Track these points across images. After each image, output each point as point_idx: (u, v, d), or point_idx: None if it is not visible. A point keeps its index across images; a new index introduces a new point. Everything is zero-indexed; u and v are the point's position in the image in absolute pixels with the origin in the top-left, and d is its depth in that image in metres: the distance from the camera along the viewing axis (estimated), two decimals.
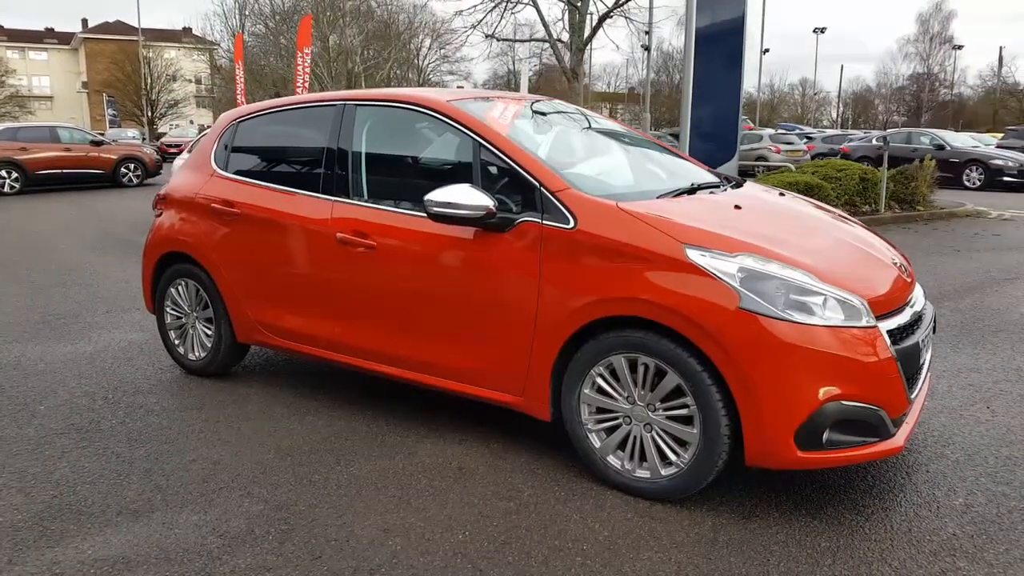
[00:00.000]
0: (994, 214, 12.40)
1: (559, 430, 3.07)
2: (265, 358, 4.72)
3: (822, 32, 56.13)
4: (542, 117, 3.86)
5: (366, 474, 3.08)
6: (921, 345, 2.86)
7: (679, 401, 2.72)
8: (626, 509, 2.78)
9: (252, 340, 4.08)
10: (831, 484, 2.97)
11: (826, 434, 2.56)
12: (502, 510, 2.79)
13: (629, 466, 2.88)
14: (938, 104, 61.36)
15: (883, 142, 15.54)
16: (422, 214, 3.17)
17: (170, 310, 4.39)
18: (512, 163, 3.11)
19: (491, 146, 3.18)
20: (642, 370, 2.77)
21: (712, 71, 8.12)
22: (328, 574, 2.40)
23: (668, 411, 2.76)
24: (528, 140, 3.38)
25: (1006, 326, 5.32)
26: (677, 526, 2.67)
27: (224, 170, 4.18)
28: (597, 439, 2.95)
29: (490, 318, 3.11)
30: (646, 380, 2.78)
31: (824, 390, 2.53)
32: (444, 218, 3.06)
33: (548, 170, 3.07)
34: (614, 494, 2.89)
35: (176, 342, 4.41)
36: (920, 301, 3.15)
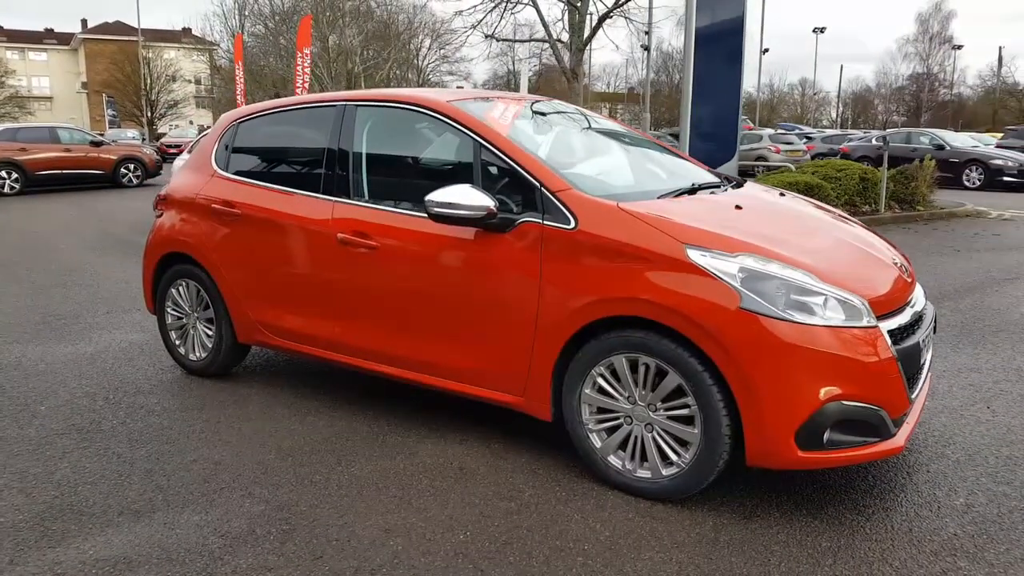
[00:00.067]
0: (994, 214, 12.40)
1: (560, 430, 3.08)
2: (266, 358, 4.72)
3: (822, 32, 56.16)
4: (542, 117, 3.86)
5: (367, 474, 3.08)
6: (922, 345, 2.87)
7: (680, 401, 2.72)
8: (627, 509, 2.79)
9: (253, 340, 4.08)
10: (832, 484, 2.98)
11: (827, 434, 2.56)
12: (503, 510, 2.79)
13: (630, 466, 2.88)
14: (938, 104, 61.37)
15: (883, 142, 15.54)
16: (423, 214, 3.18)
17: (171, 311, 4.40)
18: (513, 163, 3.11)
19: (492, 146, 3.18)
20: (643, 370, 2.78)
21: (712, 71, 8.13)
22: (329, 574, 2.40)
23: (669, 411, 2.76)
24: (528, 140, 3.39)
25: (1006, 326, 5.32)
26: (678, 526, 2.67)
27: (225, 171, 4.18)
28: (598, 439, 2.95)
29: (491, 318, 3.11)
30: (647, 380, 2.78)
31: (825, 390, 2.53)
32: (445, 218, 3.06)
33: (549, 170, 3.07)
34: (615, 494, 2.89)
35: (177, 343, 4.42)
36: (920, 301, 3.16)
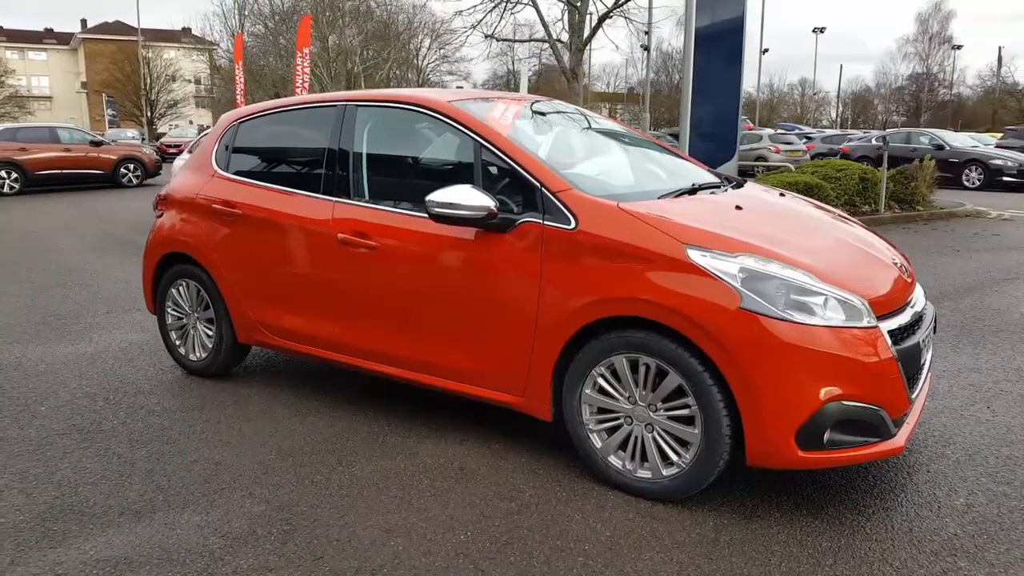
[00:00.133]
0: (994, 214, 12.40)
1: (560, 430, 3.08)
2: (266, 359, 4.72)
3: (821, 32, 56.19)
4: (542, 117, 3.86)
5: (368, 474, 3.08)
6: (922, 345, 2.87)
7: (680, 401, 2.72)
8: (627, 509, 2.79)
9: (253, 340, 4.08)
10: (832, 484, 2.98)
11: (827, 434, 2.56)
12: (504, 510, 2.79)
13: (630, 466, 2.88)
14: (937, 104, 61.36)
15: (883, 142, 15.55)
16: (423, 215, 3.18)
17: (171, 311, 4.40)
18: (513, 163, 3.11)
19: (492, 147, 3.18)
20: (643, 370, 2.78)
21: (712, 71, 8.13)
22: (330, 574, 2.40)
23: (669, 411, 2.76)
24: (529, 140, 3.39)
25: (1006, 326, 5.32)
26: (679, 526, 2.67)
27: (225, 171, 4.18)
28: (598, 439, 2.95)
29: (491, 318, 3.11)
30: (647, 380, 2.78)
31: (825, 390, 2.53)
32: (445, 219, 3.06)
33: (549, 170, 3.07)
34: (615, 494, 2.89)
35: (177, 343, 4.42)
36: (920, 301, 3.16)
